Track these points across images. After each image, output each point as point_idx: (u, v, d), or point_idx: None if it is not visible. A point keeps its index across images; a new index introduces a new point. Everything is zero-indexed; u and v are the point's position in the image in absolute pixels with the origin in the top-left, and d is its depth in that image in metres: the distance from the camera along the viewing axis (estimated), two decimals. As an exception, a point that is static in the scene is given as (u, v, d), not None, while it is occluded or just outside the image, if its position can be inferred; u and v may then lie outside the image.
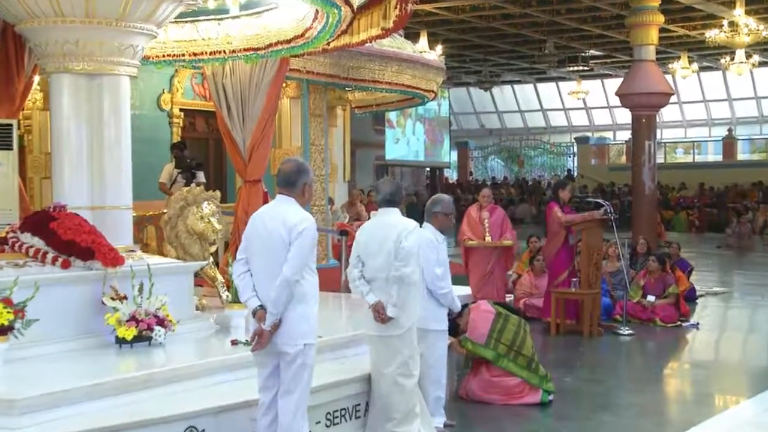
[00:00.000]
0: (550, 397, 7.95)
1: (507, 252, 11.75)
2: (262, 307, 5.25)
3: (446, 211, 7.09)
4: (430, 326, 6.86)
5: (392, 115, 33.48)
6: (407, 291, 6.17)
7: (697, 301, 14.33)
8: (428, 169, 39.73)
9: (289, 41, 8.78)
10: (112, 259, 6.89)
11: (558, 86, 42.55)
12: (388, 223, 6.31)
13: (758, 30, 23.02)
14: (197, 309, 8.09)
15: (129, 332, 6.67)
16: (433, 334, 6.92)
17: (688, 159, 41.51)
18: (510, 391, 7.94)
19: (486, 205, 11.74)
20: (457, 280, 8.99)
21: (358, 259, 6.38)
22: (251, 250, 5.39)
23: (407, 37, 17.39)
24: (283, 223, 5.24)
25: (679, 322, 12.29)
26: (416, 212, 19.23)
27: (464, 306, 8.05)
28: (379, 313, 6.20)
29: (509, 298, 12.62)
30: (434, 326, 6.92)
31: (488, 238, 11.52)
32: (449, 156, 41.27)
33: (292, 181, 5.38)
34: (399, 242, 6.13)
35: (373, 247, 6.29)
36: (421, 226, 6.64)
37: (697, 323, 12.36)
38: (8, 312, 6.12)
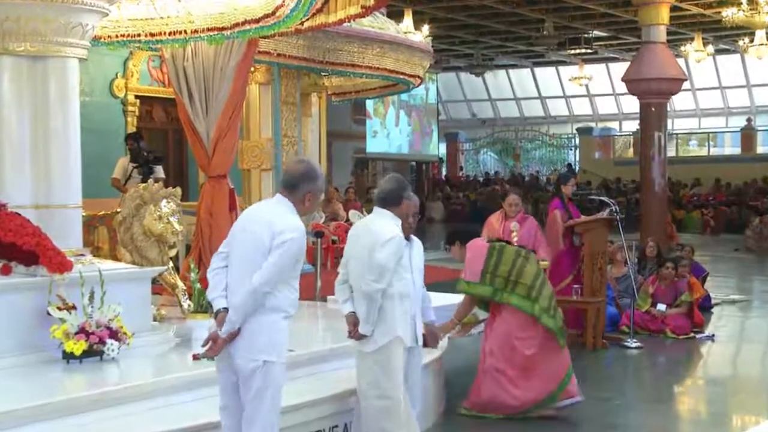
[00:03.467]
0: (566, 402, 7.97)
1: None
2: (226, 309, 5.20)
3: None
4: None
5: (368, 104, 33.45)
6: (384, 305, 6.16)
7: (712, 310, 14.38)
8: (413, 163, 39.74)
9: (257, 20, 8.76)
10: (59, 264, 6.86)
11: (558, 71, 42.62)
12: (372, 228, 6.31)
13: (780, 9, 23.15)
14: (155, 320, 8.07)
15: (78, 346, 6.64)
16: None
17: (703, 152, 41.64)
18: (527, 366, 7.94)
19: (513, 215, 10.61)
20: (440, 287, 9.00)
21: (345, 260, 6.41)
22: (233, 247, 5.34)
23: (390, 16, 17.37)
24: (269, 225, 5.17)
25: (692, 334, 12.33)
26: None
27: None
28: (350, 330, 6.26)
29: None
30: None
31: None
32: (438, 149, 41.29)
33: (294, 185, 5.29)
34: (372, 252, 6.12)
35: (355, 251, 6.31)
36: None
37: (713, 335, 12.40)
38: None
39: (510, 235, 10.31)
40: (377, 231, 6.22)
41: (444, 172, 44.41)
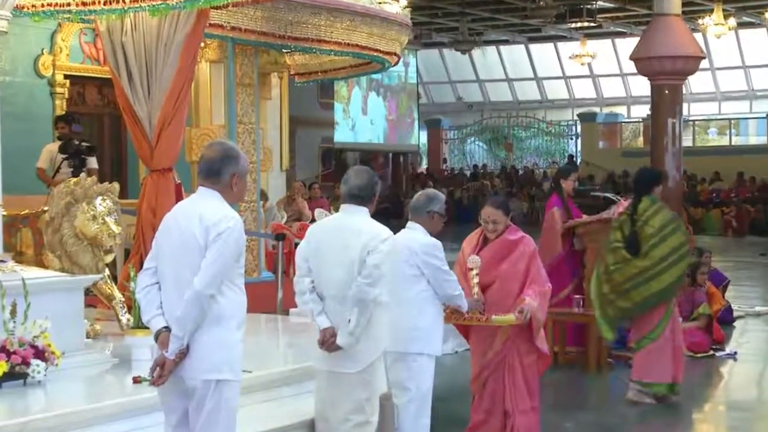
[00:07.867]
0: None
1: (526, 333, 7.52)
2: (167, 328, 5.22)
3: (443, 212, 7.17)
4: (424, 350, 6.88)
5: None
6: (373, 316, 6.16)
7: (734, 324, 14.46)
8: (388, 154, 39.79)
9: (208, -13, 8.75)
10: (-25, 272, 6.84)
11: (556, 48, 42.81)
12: (352, 227, 6.29)
13: (811, -24, 23.32)
14: (88, 337, 8.05)
15: (-2, 368, 6.62)
16: (422, 359, 6.91)
17: (723, 142, 41.92)
18: None
19: (496, 236, 7.59)
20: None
21: (307, 267, 6.35)
22: (161, 258, 5.37)
23: (362, -17, 17.39)
24: (199, 220, 5.22)
25: (711, 351, 12.39)
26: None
27: None
28: (325, 341, 6.17)
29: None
30: (426, 349, 6.92)
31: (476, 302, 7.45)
32: (419, 138, 41.33)
33: (216, 171, 5.35)
34: (366, 254, 6.12)
35: (330, 255, 6.27)
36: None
37: (735, 352, 12.47)
38: None
39: (467, 274, 7.52)
40: (364, 229, 6.24)
41: (424, 165, 44.37)
